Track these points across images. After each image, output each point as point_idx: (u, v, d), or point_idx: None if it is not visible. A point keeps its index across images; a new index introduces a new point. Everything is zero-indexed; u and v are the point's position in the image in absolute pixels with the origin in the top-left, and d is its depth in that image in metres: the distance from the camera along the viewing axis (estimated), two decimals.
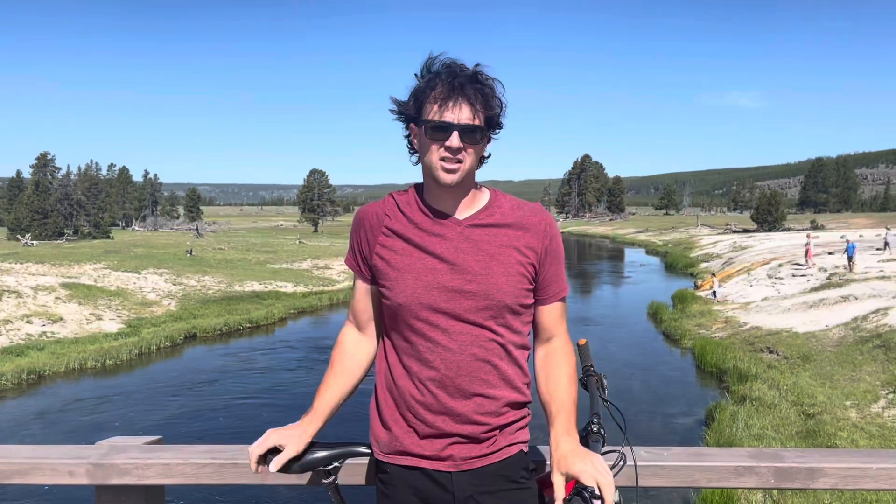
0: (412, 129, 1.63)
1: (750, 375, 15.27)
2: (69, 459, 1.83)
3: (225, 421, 13.96)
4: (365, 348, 1.77)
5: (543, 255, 1.65)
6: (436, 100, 1.54)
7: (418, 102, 1.58)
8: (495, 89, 1.59)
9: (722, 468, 1.76)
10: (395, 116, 1.66)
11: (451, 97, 1.53)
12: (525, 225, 1.64)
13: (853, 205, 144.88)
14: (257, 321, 25.48)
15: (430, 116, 1.55)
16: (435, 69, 1.58)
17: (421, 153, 1.61)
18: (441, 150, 1.55)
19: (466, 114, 1.54)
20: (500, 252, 1.60)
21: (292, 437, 1.64)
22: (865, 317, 18.42)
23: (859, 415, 11.96)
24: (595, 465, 1.44)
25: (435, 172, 1.57)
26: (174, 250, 46.52)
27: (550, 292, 1.68)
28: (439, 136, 1.54)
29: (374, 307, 1.75)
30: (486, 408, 1.60)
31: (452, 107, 1.53)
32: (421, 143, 1.60)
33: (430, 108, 1.55)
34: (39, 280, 26.77)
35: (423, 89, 1.57)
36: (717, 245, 53.04)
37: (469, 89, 1.54)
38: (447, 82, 1.54)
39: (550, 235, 1.66)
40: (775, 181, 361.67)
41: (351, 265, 1.75)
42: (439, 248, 1.59)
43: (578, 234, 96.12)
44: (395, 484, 1.64)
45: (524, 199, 1.72)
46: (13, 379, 17.01)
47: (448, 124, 1.53)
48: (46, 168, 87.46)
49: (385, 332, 1.72)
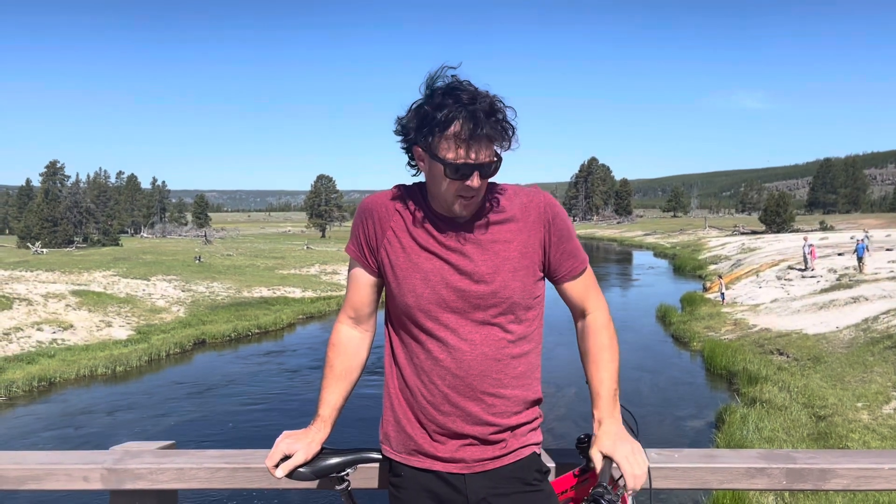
0: (417, 151, 1.57)
1: (760, 377, 15.19)
2: (84, 464, 1.85)
3: (236, 426, 13.98)
4: (364, 345, 1.76)
5: (547, 238, 1.63)
6: (456, 139, 1.47)
7: (431, 133, 1.49)
8: (508, 118, 1.52)
9: (733, 470, 1.76)
10: (402, 145, 1.59)
11: (475, 140, 1.46)
12: (525, 213, 1.62)
13: (862, 205, 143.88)
14: (266, 327, 25.51)
15: (450, 157, 1.48)
16: (443, 92, 1.48)
17: (433, 183, 1.57)
18: (459, 188, 1.52)
19: (486, 153, 1.49)
20: (503, 248, 1.59)
21: (301, 447, 1.65)
22: (876, 318, 18.30)
23: (871, 416, 11.87)
24: (635, 452, 1.52)
25: (451, 207, 1.55)
26: (183, 257, 46.65)
27: (564, 270, 1.66)
28: (460, 176, 1.49)
29: (376, 301, 1.74)
30: (498, 407, 1.60)
31: (475, 148, 1.47)
32: (432, 173, 1.55)
33: (448, 145, 1.48)
34: (49, 288, 26.90)
35: (438, 122, 1.47)
36: (725, 247, 52.81)
37: (489, 129, 1.46)
38: (468, 122, 1.45)
39: (551, 216, 1.63)
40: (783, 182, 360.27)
41: (355, 255, 1.70)
42: (445, 250, 1.59)
43: (586, 237, 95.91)
44: (409, 487, 1.64)
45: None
46: (24, 386, 17.08)
47: (471, 167, 1.48)
48: (56, 176, 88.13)
49: (392, 330, 1.70)
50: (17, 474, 1.85)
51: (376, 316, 1.78)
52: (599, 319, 1.68)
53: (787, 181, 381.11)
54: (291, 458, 1.63)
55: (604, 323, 1.68)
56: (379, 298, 1.75)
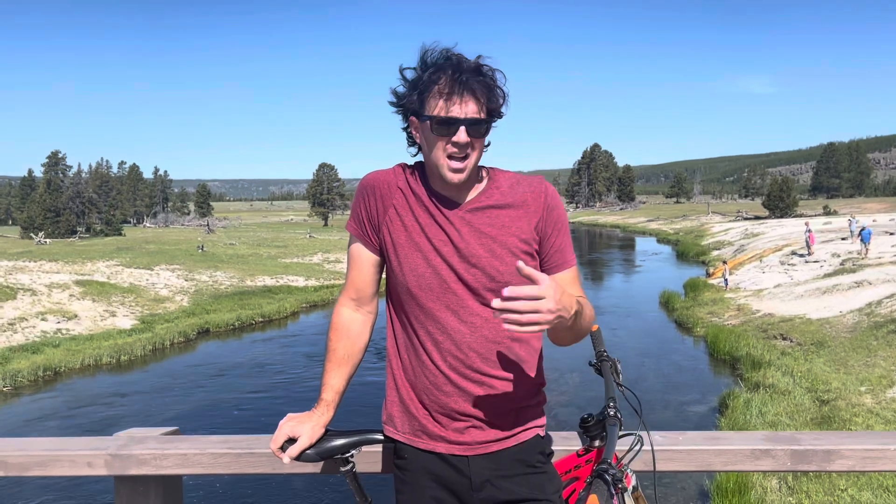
0: (412, 121, 1.60)
1: (763, 362, 15.21)
2: (88, 451, 1.85)
3: (239, 413, 14.05)
4: (367, 328, 1.75)
5: (544, 228, 1.63)
6: (441, 94, 1.51)
7: (421, 96, 1.54)
8: (498, 80, 1.56)
9: (738, 452, 1.75)
10: (395, 109, 1.63)
11: (457, 92, 1.50)
12: (524, 201, 1.62)
13: (866, 190, 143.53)
14: (269, 315, 25.60)
15: (436, 112, 1.51)
16: (434, 59, 1.54)
17: (426, 149, 1.58)
18: (448, 145, 1.52)
19: (472, 108, 1.51)
20: (500, 233, 1.59)
21: (305, 430, 1.64)
22: (880, 302, 18.29)
23: (874, 400, 11.89)
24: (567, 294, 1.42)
25: (442, 171, 1.55)
26: (186, 246, 46.75)
27: (552, 263, 1.66)
28: (446, 130, 1.51)
29: (378, 281, 1.73)
30: (500, 389, 1.60)
31: (459, 102, 1.50)
32: (425, 138, 1.57)
33: (435, 102, 1.51)
34: (53, 278, 26.97)
35: (425, 82, 1.53)
36: (728, 232, 52.76)
37: (474, 83, 1.51)
38: (452, 76, 1.50)
39: (550, 207, 1.64)
40: (787, 167, 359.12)
41: (357, 233, 1.69)
42: (446, 232, 1.59)
43: (589, 223, 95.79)
44: (413, 469, 1.64)
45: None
46: (30, 376, 17.18)
47: (455, 119, 1.50)
48: (58, 167, 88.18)
49: (394, 311, 1.69)
50: (22, 461, 1.86)
51: (377, 298, 1.77)
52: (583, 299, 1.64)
53: (791, 166, 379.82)
54: (297, 442, 1.63)
55: (586, 302, 1.63)
56: (380, 279, 1.74)
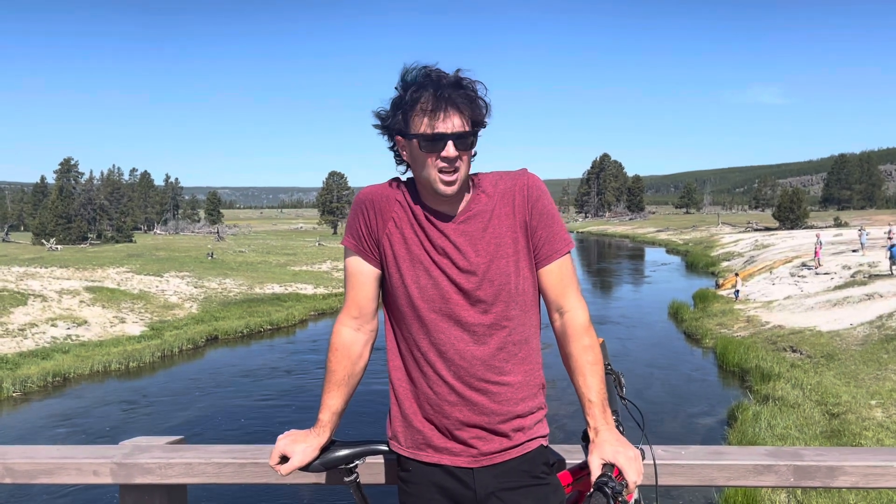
0: (398, 140, 1.61)
1: (773, 375, 15.10)
2: (94, 459, 1.87)
3: (246, 422, 14.06)
4: (367, 349, 1.74)
5: (530, 220, 1.64)
6: (424, 112, 1.53)
7: (405, 115, 1.56)
8: (478, 91, 1.58)
9: (740, 467, 1.75)
10: (380, 131, 1.64)
11: (441, 108, 1.52)
12: (509, 198, 1.64)
13: (877, 201, 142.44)
14: (278, 323, 25.63)
15: (422, 129, 1.53)
16: (413, 78, 1.56)
17: (416, 167, 1.60)
18: (437, 161, 1.54)
19: (457, 122, 1.53)
20: (493, 238, 1.61)
21: (298, 449, 1.65)
22: (891, 314, 18.14)
23: (885, 414, 11.78)
24: (637, 459, 1.50)
25: (434, 186, 1.56)
26: (195, 253, 46.96)
27: (543, 254, 1.66)
28: (434, 147, 1.53)
29: (378, 297, 1.73)
30: (503, 395, 1.61)
31: (443, 117, 1.52)
32: (414, 157, 1.58)
33: (420, 120, 1.53)
34: (64, 284, 27.14)
35: (408, 101, 1.55)
36: (738, 243, 52.49)
37: (456, 97, 1.53)
38: (434, 93, 1.52)
39: (534, 197, 1.65)
40: (797, 178, 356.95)
41: (356, 248, 1.69)
42: (441, 246, 1.60)
43: (598, 233, 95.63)
44: (417, 482, 1.65)
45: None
46: (39, 381, 17.26)
47: (442, 135, 1.52)
48: (70, 173, 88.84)
49: (394, 324, 1.70)
50: (29, 468, 1.88)
51: (378, 316, 1.76)
52: (579, 319, 1.64)
53: (802, 177, 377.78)
54: (288, 462, 1.64)
55: (584, 325, 1.64)
56: (380, 295, 1.74)
